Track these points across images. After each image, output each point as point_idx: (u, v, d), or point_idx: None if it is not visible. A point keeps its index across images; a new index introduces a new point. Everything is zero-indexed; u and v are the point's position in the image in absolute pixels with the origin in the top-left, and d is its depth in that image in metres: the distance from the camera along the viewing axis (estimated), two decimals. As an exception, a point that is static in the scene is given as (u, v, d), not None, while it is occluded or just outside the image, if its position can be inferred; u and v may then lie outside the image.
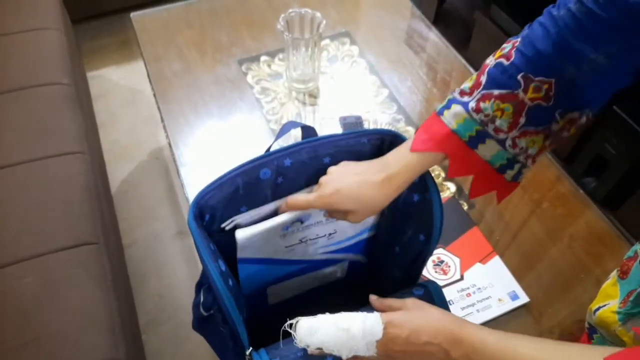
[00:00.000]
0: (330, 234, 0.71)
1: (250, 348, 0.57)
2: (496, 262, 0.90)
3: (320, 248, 0.74)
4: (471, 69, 1.20)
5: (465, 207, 0.98)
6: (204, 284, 0.64)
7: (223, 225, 0.62)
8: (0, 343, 0.88)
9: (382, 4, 1.40)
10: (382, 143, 0.66)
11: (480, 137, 0.55)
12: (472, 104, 0.55)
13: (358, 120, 1.11)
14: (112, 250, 1.13)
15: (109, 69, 2.11)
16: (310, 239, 0.71)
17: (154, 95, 1.17)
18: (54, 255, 1.00)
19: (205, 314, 0.62)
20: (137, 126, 1.92)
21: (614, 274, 0.67)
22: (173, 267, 1.55)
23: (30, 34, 1.44)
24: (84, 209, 1.09)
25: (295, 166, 0.63)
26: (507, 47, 0.55)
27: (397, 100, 1.16)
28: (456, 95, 0.58)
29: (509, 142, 0.55)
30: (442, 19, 2.07)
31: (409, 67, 1.24)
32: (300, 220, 0.66)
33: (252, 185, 0.62)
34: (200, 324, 0.66)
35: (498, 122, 0.54)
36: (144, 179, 1.77)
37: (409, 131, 1.10)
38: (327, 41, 1.28)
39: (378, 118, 1.12)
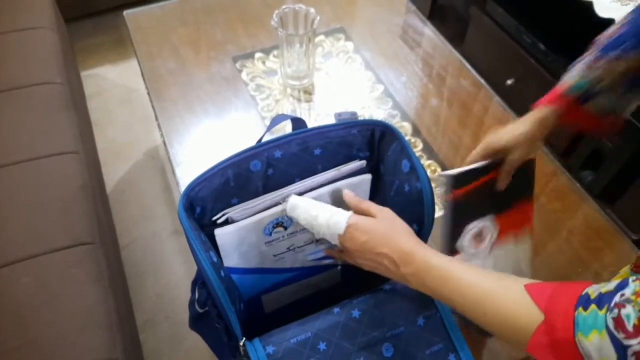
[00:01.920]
0: (317, 240, 0.71)
1: (244, 338, 0.57)
2: None
3: (310, 255, 0.73)
4: (467, 64, 1.20)
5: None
6: (198, 280, 0.63)
7: (214, 219, 0.62)
8: (-3, 344, 0.87)
9: (376, -1, 1.39)
10: (372, 134, 0.66)
11: (590, 95, 0.65)
12: (584, 65, 0.65)
13: (353, 116, 1.10)
14: (108, 249, 1.12)
15: (104, 68, 2.10)
16: (298, 247, 0.71)
17: (148, 93, 1.16)
18: (50, 256, 0.99)
19: (200, 310, 0.62)
20: (132, 125, 1.91)
21: (626, 269, 0.67)
22: (170, 266, 1.55)
23: (22, 33, 1.43)
24: (80, 208, 1.09)
25: (286, 158, 0.63)
26: (617, 25, 0.63)
27: (393, 96, 1.16)
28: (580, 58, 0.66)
29: (615, 98, 0.65)
30: (437, 14, 2.06)
31: (405, 62, 1.23)
32: (283, 226, 0.65)
33: (243, 177, 0.61)
34: (196, 322, 0.65)
35: (604, 82, 0.64)
36: (140, 178, 1.76)
37: (404, 127, 1.10)
38: (321, 37, 1.27)
39: (373, 114, 1.12)
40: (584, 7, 1.34)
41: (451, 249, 0.73)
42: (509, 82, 1.65)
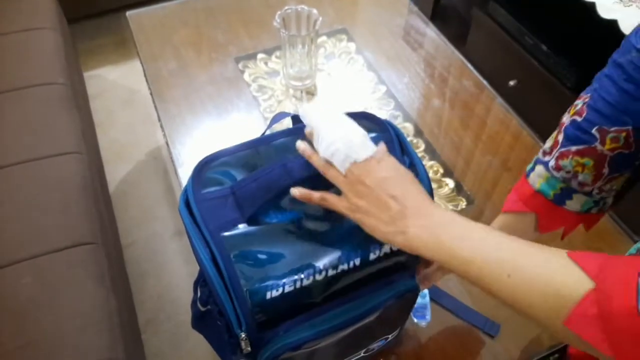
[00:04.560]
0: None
1: (242, 332, 0.57)
2: None
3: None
4: (469, 65, 1.20)
5: (464, 204, 0.98)
6: (200, 279, 0.63)
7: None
8: (-1, 344, 0.88)
9: (379, 0, 1.39)
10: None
11: (565, 194, 0.59)
12: (551, 163, 0.59)
13: (356, 117, 1.10)
14: (110, 250, 1.12)
15: (106, 69, 2.10)
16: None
17: (151, 94, 1.17)
18: (52, 256, 1.00)
19: (202, 309, 0.62)
20: (134, 126, 1.91)
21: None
22: (172, 267, 1.55)
23: (26, 33, 1.43)
24: (82, 209, 1.09)
25: None
26: (578, 103, 0.57)
27: (395, 97, 1.16)
28: (540, 155, 0.61)
29: (595, 191, 0.59)
30: (439, 15, 2.06)
31: (407, 63, 1.23)
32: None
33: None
34: (198, 321, 0.65)
35: (581, 176, 0.57)
36: (142, 179, 1.76)
37: (406, 127, 1.10)
38: (324, 38, 1.27)
39: (375, 114, 1.12)
40: (586, 8, 1.34)
41: None
42: (511, 83, 1.65)
